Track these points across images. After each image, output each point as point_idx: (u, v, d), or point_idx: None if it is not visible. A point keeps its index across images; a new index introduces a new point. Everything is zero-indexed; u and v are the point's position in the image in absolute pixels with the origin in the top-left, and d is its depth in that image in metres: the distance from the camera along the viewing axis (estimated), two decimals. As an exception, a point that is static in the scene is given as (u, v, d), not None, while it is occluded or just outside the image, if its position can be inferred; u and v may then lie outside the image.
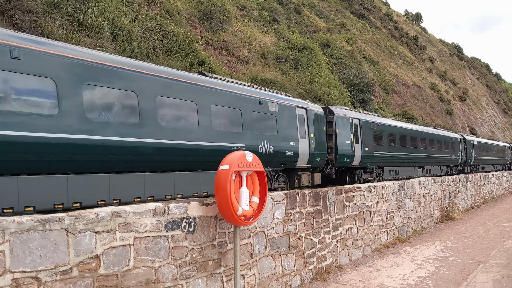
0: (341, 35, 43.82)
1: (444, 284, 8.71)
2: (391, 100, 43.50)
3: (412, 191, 14.71)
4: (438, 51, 78.96)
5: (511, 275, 9.25)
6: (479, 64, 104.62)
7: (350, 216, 10.77)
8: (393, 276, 9.32)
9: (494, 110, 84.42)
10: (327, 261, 9.64)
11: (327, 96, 27.70)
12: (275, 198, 8.08)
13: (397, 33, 65.11)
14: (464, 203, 20.36)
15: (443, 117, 53.43)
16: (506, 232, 14.56)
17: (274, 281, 7.87)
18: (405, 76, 52.88)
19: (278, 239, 8.10)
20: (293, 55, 30.06)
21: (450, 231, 15.02)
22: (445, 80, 67.83)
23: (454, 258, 10.94)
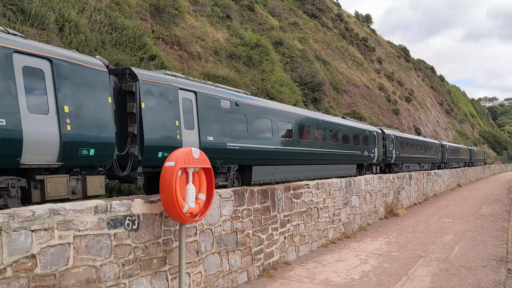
0: (293, 34, 44.29)
1: (386, 278, 9.00)
2: (341, 100, 44.45)
3: (358, 188, 15.09)
4: (386, 53, 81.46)
5: (449, 268, 9.68)
6: (424, 66, 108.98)
7: (298, 212, 10.92)
8: (338, 271, 9.53)
9: (438, 110, 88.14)
10: (274, 258, 9.73)
11: (279, 94, 27.90)
12: (223, 195, 8.06)
13: (347, 34, 66.59)
14: (407, 200, 21.13)
15: (390, 117, 55.18)
16: (445, 227, 15.21)
17: (221, 278, 7.86)
18: (355, 76, 54.20)
19: (225, 236, 8.09)
20: (246, 52, 30.08)
21: (393, 226, 15.53)
22: (393, 81, 70.08)
23: (396, 253, 11.33)
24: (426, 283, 8.62)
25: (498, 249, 11.60)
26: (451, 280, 8.82)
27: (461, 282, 8.65)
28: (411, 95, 72.77)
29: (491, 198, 25.00)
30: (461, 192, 30.09)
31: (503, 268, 9.72)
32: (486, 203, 22.24)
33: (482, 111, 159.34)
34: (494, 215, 17.87)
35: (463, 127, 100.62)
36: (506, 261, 10.70)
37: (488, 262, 10.21)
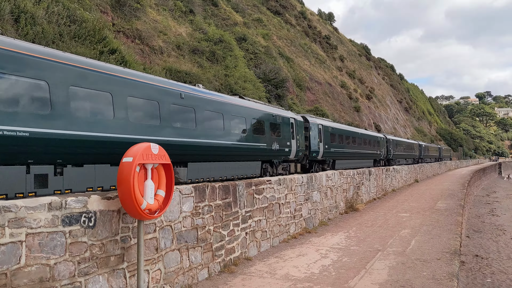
0: (257, 30, 44.35)
1: (345, 272, 9.16)
2: (304, 96, 44.88)
3: (319, 183, 15.29)
4: (348, 51, 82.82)
5: (405, 261, 9.95)
6: (384, 65, 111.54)
7: (260, 208, 10.95)
8: (298, 266, 9.63)
9: (397, 108, 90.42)
10: (235, 254, 9.73)
11: (242, 90, 27.90)
12: (183, 191, 7.99)
13: (310, 32, 67.27)
14: (367, 195, 21.58)
15: (351, 114, 56.18)
16: (403, 221, 15.62)
17: (181, 275, 7.79)
18: (318, 73, 54.83)
19: (185, 232, 8.02)
20: (209, 48, 29.91)
21: (353, 221, 15.82)
22: (354, 78, 71.35)
23: (355, 247, 11.55)
24: (383, 276, 8.82)
25: (452, 242, 12.01)
26: (407, 272, 9.07)
27: (417, 275, 8.91)
28: (371, 93, 74.31)
29: (447, 193, 25.84)
30: (418, 187, 30.96)
31: (456, 260, 10.07)
32: (441, 198, 22.97)
33: (439, 109, 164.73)
34: (449, 210, 18.49)
35: (421, 124, 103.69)
36: (459, 253, 11.12)
37: (442, 255, 10.55)
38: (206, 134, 13.37)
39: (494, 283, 15.93)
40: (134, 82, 10.75)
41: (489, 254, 20.47)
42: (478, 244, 22.71)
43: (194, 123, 12.86)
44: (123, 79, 10.45)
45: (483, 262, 18.87)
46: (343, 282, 8.49)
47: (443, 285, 8.24)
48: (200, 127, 13.09)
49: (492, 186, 65.73)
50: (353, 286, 8.25)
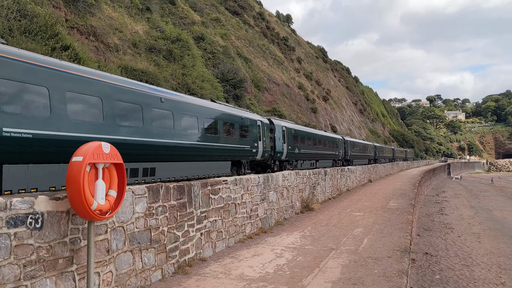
0: (215, 30, 44.19)
1: (299, 271, 9.27)
2: (262, 97, 45.10)
3: (276, 183, 15.40)
4: (305, 53, 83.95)
5: (357, 259, 10.18)
6: (341, 67, 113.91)
7: (216, 208, 10.91)
8: (253, 265, 9.66)
9: (352, 110, 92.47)
10: (190, 254, 9.65)
11: (200, 89, 27.70)
12: (136, 192, 7.84)
13: (268, 33, 67.72)
14: (322, 194, 21.92)
15: (308, 115, 56.94)
16: (356, 221, 15.96)
17: (133, 277, 7.64)
18: (276, 74, 55.25)
19: (138, 234, 7.87)
20: (167, 46, 29.50)
21: (309, 221, 16.03)
22: (311, 80, 72.40)
23: (310, 246, 11.70)
24: (336, 274, 8.99)
25: (402, 240, 12.38)
26: (359, 270, 9.28)
27: (368, 272, 9.13)
28: (328, 94, 75.63)
29: (398, 192, 26.61)
30: (372, 187, 31.73)
31: (406, 258, 10.39)
32: (393, 198, 23.63)
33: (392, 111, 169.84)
34: (400, 209, 19.05)
35: (375, 126, 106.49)
36: (409, 251, 11.48)
37: (393, 252, 10.86)
38: (181, 135, 13.79)
39: (442, 280, 16.58)
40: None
41: (438, 251, 21.28)
42: (428, 242, 23.56)
43: (173, 124, 13.29)
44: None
45: (432, 260, 19.60)
46: (297, 281, 8.58)
47: (393, 282, 8.48)
48: (177, 128, 13.51)
49: (441, 186, 68.36)
50: (306, 284, 8.35)
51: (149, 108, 12.16)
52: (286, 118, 39.17)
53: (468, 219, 32.86)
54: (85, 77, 10.06)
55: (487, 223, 30.98)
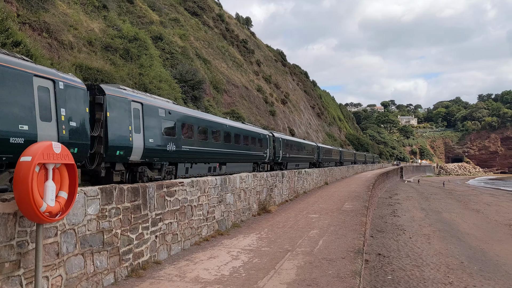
0: (174, 30, 43.71)
1: (255, 272, 9.28)
2: (221, 99, 44.99)
3: (233, 185, 15.37)
4: (264, 56, 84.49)
5: (312, 261, 10.30)
6: (299, 71, 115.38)
7: (171, 211, 10.77)
8: (209, 268, 9.59)
9: (310, 113, 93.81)
10: (144, 257, 9.47)
11: (158, 90, 27.31)
12: (89, 193, 7.62)
13: (228, 35, 67.69)
14: (279, 197, 22.08)
15: (267, 118, 57.29)
16: (312, 222, 16.17)
17: (84, 280, 7.42)
18: (235, 76, 55.27)
19: (90, 236, 7.65)
20: (124, 45, 28.89)
21: (265, 223, 16.10)
22: (270, 83, 72.91)
23: (266, 248, 11.75)
24: (292, 276, 9.06)
25: (356, 241, 12.64)
26: (314, 271, 9.40)
27: (323, 273, 9.26)
28: (286, 97, 76.38)
29: (353, 195, 27.17)
30: (328, 189, 32.25)
31: (360, 259, 10.61)
32: (348, 200, 24.10)
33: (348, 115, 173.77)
34: (355, 211, 19.45)
35: (331, 129, 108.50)
36: (363, 252, 11.73)
37: (347, 254, 11.07)
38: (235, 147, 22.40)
39: (394, 280, 17.06)
40: None
41: (390, 252, 21.90)
42: (381, 243, 24.19)
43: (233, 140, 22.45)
44: None
45: (385, 260, 20.14)
46: (253, 283, 8.59)
47: (346, 283, 8.63)
48: (237, 144, 22.86)
49: (394, 189, 70.40)
50: (262, 286, 8.37)
51: (222, 131, 20.82)
52: (245, 120, 39.25)
53: (419, 221, 33.99)
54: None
55: (436, 224, 32.17)
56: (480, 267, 19.47)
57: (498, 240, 26.22)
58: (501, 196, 66.49)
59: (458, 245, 24.21)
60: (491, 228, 31.25)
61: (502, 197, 64.55)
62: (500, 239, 26.85)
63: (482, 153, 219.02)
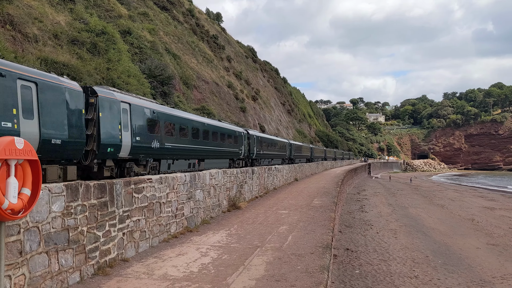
0: (143, 25, 43.06)
1: (224, 269, 9.28)
2: (191, 95, 44.67)
3: (203, 182, 15.30)
4: (235, 52, 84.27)
5: (281, 256, 10.37)
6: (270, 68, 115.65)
7: (139, 208, 10.63)
8: (177, 265, 9.53)
9: (281, 110, 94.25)
10: (111, 255, 9.32)
11: (126, 85, 26.86)
12: (53, 190, 7.44)
13: (198, 30, 67.18)
14: (249, 193, 22.12)
15: (237, 114, 57.24)
16: (282, 218, 16.26)
17: (49, 279, 7.25)
18: (205, 72, 54.95)
19: (55, 234, 7.48)
20: (91, 39, 28.27)
21: (235, 219, 16.10)
22: (241, 79, 72.83)
23: (236, 244, 11.75)
24: (261, 272, 9.10)
25: (325, 237, 12.79)
26: (283, 267, 9.46)
27: (291, 269, 9.33)
28: (257, 94, 76.47)
29: (322, 191, 27.49)
30: (298, 185, 32.52)
31: (328, 254, 10.75)
32: (317, 196, 24.36)
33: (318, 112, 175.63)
34: (323, 206, 19.68)
35: (302, 126, 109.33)
36: (331, 247, 11.89)
37: (316, 249, 11.19)
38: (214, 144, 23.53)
39: (361, 274, 17.35)
40: None
41: (358, 247, 22.26)
42: (349, 238, 24.57)
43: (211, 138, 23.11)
44: None
45: (352, 255, 20.47)
46: (222, 279, 8.58)
47: (315, 278, 8.73)
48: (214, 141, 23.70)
49: (362, 185, 71.61)
50: (231, 282, 8.37)
51: (201, 129, 21.60)
52: (216, 116, 39.11)
53: (386, 216, 34.68)
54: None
55: (402, 220, 32.88)
56: (444, 260, 20.01)
57: (461, 234, 27.00)
58: (464, 192, 68.57)
59: (423, 240, 24.82)
60: (454, 223, 32.14)
61: (465, 193, 66.59)
62: (463, 233, 27.65)
63: (446, 149, 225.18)
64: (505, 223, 33.04)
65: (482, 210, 41.65)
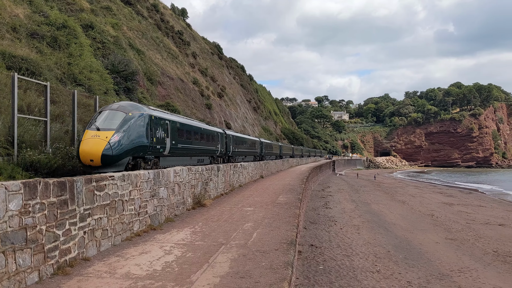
0: (106, 19, 42.13)
1: (188, 267, 9.21)
2: (156, 91, 44.08)
3: (167, 179, 15.12)
4: (201, 48, 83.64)
5: (246, 253, 10.37)
6: (235, 65, 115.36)
7: (101, 205, 10.41)
8: (140, 264, 9.39)
9: (246, 107, 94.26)
10: (71, 254, 9.10)
11: (88, 80, 26.23)
12: (10, 188, 7.19)
13: (163, 25, 66.28)
14: (215, 190, 22.02)
15: (203, 111, 56.89)
16: (247, 215, 16.27)
17: (5, 280, 7.00)
18: (170, 68, 54.31)
19: (12, 233, 7.23)
20: (51, 33, 27.45)
21: (200, 217, 15.99)
22: (206, 76, 72.37)
23: (200, 242, 11.68)
24: (225, 269, 9.08)
25: (289, 233, 12.88)
26: (247, 264, 9.47)
27: (256, 265, 9.35)
28: (223, 91, 76.20)
29: (287, 188, 27.66)
30: (263, 183, 32.59)
31: (292, 250, 10.83)
32: (283, 193, 24.49)
33: (284, 110, 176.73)
34: (288, 203, 19.82)
35: (267, 123, 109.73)
36: (295, 244, 11.98)
37: (280, 245, 11.26)
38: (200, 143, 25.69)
39: (325, 270, 17.59)
40: None
41: (322, 243, 22.55)
42: (313, 234, 24.84)
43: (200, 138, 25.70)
44: None
45: (317, 251, 20.71)
46: (186, 277, 8.52)
47: (279, 274, 8.78)
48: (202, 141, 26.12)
49: (327, 182, 72.61)
50: (195, 280, 8.32)
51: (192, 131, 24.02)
52: (180, 113, 38.75)
53: (349, 212, 35.25)
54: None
55: (365, 215, 33.51)
56: (405, 255, 20.53)
57: (422, 230, 27.76)
58: (424, 188, 70.59)
59: (385, 235, 25.36)
60: (415, 218, 32.99)
61: (425, 189, 68.57)
62: (423, 228, 28.44)
63: (408, 147, 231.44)
64: (462, 218, 34.20)
65: (441, 206, 42.93)
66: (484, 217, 35.63)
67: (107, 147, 14.47)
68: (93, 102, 16.79)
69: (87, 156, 14.39)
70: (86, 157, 14.40)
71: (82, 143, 14.53)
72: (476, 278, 17.28)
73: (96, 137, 14.59)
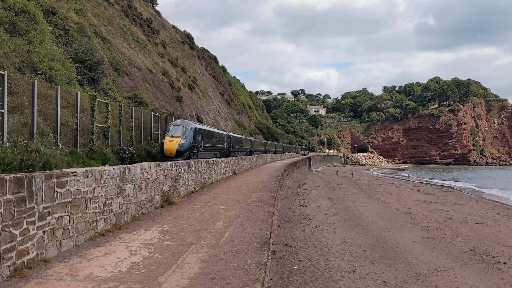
0: (69, 4, 40.39)
1: (156, 268, 8.72)
2: (122, 82, 42.80)
3: (133, 176, 14.46)
4: (171, 37, 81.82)
5: (217, 253, 9.93)
6: (208, 56, 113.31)
7: (62, 203, 9.75)
8: (104, 265, 8.84)
9: (219, 100, 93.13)
10: (30, 255, 8.46)
11: (49, 70, 24.98)
12: (-44, 187, 6.50)
13: (130, 12, 64.27)
14: (185, 188, 21.36)
15: (173, 104, 55.64)
16: (218, 214, 15.73)
17: (-49, 289, 6.35)
18: (137, 58, 52.93)
19: (-41, 236, 6.56)
20: (9, 18, 25.97)
21: (169, 215, 15.40)
22: (176, 67, 70.88)
23: (169, 241, 11.17)
24: (195, 270, 8.64)
25: (263, 232, 12.48)
26: (219, 264, 9.05)
27: (228, 266, 8.94)
28: (194, 83, 74.85)
29: (262, 185, 27.00)
30: (236, 179, 31.82)
31: (266, 250, 10.44)
32: (256, 190, 23.92)
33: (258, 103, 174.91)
34: (262, 201, 19.28)
35: (241, 117, 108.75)
36: (269, 243, 11.60)
37: (253, 245, 10.85)
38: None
39: (300, 270, 17.28)
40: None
41: (297, 242, 22.20)
42: (288, 233, 24.46)
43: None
44: None
45: (291, 251, 20.35)
46: (153, 279, 8.04)
47: (251, 275, 8.40)
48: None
49: (302, 179, 72.22)
50: (162, 282, 7.86)
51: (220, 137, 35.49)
52: (149, 106, 37.65)
53: (325, 210, 34.89)
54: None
55: (342, 214, 33.11)
56: (381, 254, 20.38)
57: (399, 228, 27.70)
58: (402, 186, 71.03)
59: (361, 234, 25.18)
60: (392, 217, 32.91)
61: (403, 186, 69.10)
62: (400, 227, 28.39)
63: (385, 143, 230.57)
64: (440, 216, 34.42)
65: (419, 204, 43.08)
66: (462, 215, 35.98)
67: (178, 146, 24.18)
68: (55, 93, 15.80)
69: (168, 151, 23.88)
70: (168, 151, 23.88)
71: (165, 144, 23.88)
72: (453, 277, 17.28)
73: (172, 141, 24.09)
